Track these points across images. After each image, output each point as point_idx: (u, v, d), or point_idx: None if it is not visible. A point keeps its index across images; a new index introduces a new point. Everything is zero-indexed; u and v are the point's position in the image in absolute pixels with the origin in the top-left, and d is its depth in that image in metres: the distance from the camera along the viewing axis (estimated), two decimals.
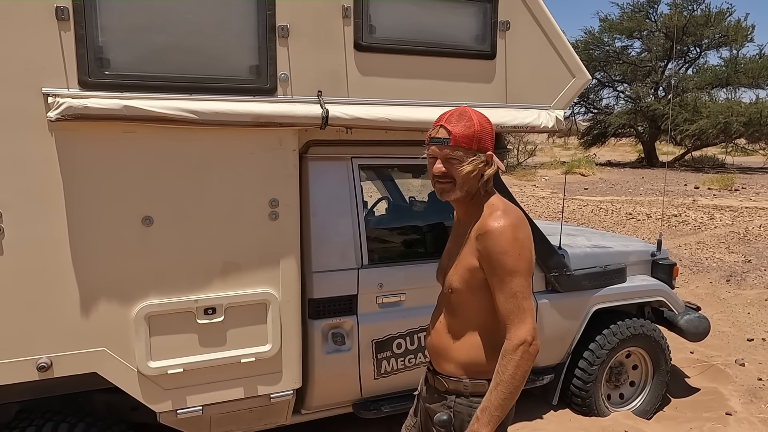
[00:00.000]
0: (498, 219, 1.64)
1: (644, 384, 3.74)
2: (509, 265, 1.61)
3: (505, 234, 1.61)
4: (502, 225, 1.62)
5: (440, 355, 1.80)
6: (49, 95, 2.07)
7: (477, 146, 1.65)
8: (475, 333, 1.73)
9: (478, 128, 1.66)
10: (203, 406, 2.45)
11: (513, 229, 1.62)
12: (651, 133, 24.88)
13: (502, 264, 1.61)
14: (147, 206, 2.27)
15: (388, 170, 3.26)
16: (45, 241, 2.13)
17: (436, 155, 1.69)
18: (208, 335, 2.41)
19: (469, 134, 1.64)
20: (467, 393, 1.72)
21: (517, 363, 1.57)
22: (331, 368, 2.78)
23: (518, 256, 1.61)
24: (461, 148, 1.64)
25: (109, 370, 2.28)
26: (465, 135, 1.64)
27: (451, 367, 1.76)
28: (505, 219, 1.63)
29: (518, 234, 1.62)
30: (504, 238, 1.61)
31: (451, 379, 1.75)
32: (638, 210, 11.68)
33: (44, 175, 2.11)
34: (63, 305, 2.19)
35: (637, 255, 3.83)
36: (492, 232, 1.62)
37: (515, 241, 1.61)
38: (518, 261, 1.61)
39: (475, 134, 1.65)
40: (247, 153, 2.40)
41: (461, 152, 1.64)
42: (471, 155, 1.64)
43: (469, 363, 1.72)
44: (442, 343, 1.79)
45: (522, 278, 1.61)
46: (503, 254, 1.61)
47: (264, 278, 2.49)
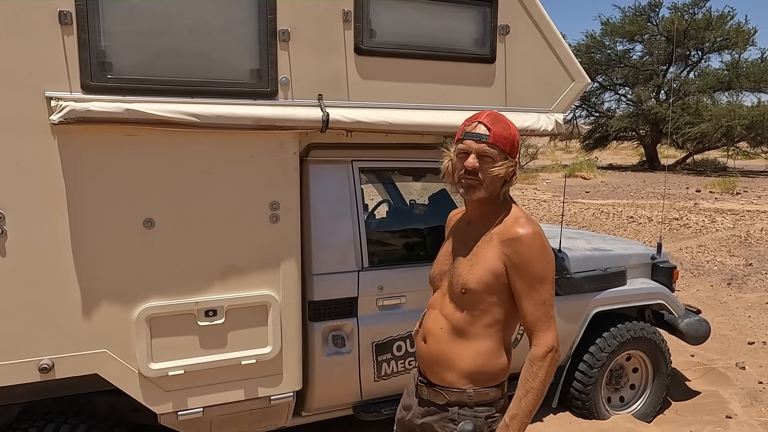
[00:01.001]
0: (525, 226, 1.65)
1: (644, 387, 3.74)
2: (540, 272, 1.63)
3: (536, 242, 1.64)
4: (532, 233, 1.64)
5: (440, 364, 1.74)
6: (52, 99, 2.08)
7: (510, 149, 1.67)
8: (484, 337, 1.70)
9: (514, 132, 1.69)
10: (204, 408, 2.46)
11: (541, 238, 1.65)
12: (653, 136, 24.87)
13: (533, 271, 1.63)
14: (148, 209, 2.28)
15: (388, 173, 3.27)
16: (47, 243, 2.15)
17: (471, 149, 1.67)
18: (208, 337, 2.42)
19: (506, 135, 1.66)
20: (471, 403, 1.69)
21: (547, 370, 1.60)
22: (331, 370, 2.79)
23: (547, 264, 1.64)
24: (498, 147, 1.65)
25: (110, 371, 2.29)
26: (503, 135, 1.66)
27: (452, 377, 1.71)
28: (533, 227, 1.66)
29: (545, 242, 1.66)
30: (535, 245, 1.63)
31: (453, 391, 1.71)
32: (639, 213, 11.68)
33: (47, 178, 2.13)
34: (65, 307, 2.20)
35: (638, 258, 3.84)
36: (523, 237, 1.64)
37: (544, 248, 1.64)
38: (547, 268, 1.64)
39: (511, 137, 1.68)
40: (248, 156, 2.42)
41: (496, 151, 1.65)
42: (503, 158, 1.66)
43: (475, 371, 1.69)
44: (444, 349, 1.73)
45: (550, 285, 1.64)
46: (534, 261, 1.63)
47: (264, 280, 2.50)
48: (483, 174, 1.65)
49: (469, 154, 1.66)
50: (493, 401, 1.71)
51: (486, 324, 1.70)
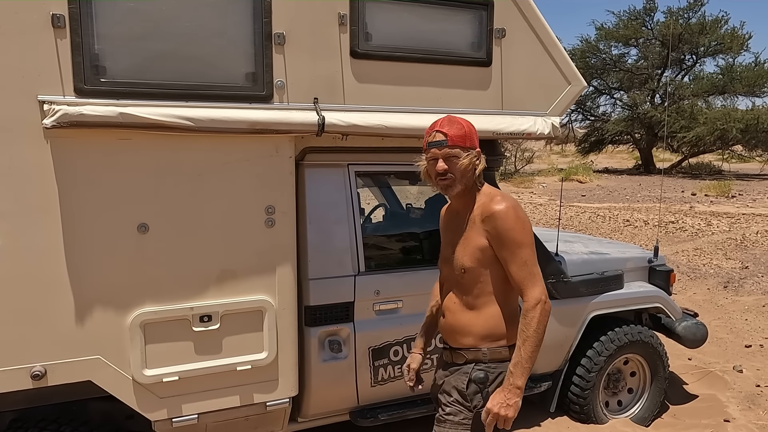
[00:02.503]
0: (500, 202, 1.90)
1: (642, 391, 3.73)
2: (517, 238, 1.87)
3: (509, 213, 1.88)
4: (506, 206, 1.88)
5: (457, 331, 2.01)
6: (44, 102, 2.07)
7: (469, 143, 1.93)
8: (490, 304, 1.96)
9: (468, 129, 1.94)
10: (199, 415, 2.44)
11: (514, 209, 1.89)
12: (648, 140, 24.96)
13: (512, 238, 1.87)
14: (143, 213, 2.26)
15: (384, 177, 3.26)
16: (40, 248, 2.13)
17: (437, 156, 1.93)
18: (203, 343, 2.40)
19: (461, 134, 1.92)
20: (486, 359, 1.94)
21: (539, 318, 1.82)
22: (327, 376, 2.77)
23: (523, 230, 1.87)
24: (458, 146, 1.90)
25: (103, 378, 2.27)
26: (459, 135, 1.91)
27: (469, 340, 1.97)
28: (506, 201, 1.90)
29: (519, 212, 1.90)
30: (509, 217, 1.88)
31: (471, 350, 1.97)
32: (635, 217, 11.69)
33: (40, 182, 2.11)
34: (58, 313, 2.18)
35: (634, 261, 3.83)
36: (498, 212, 1.88)
37: (518, 218, 1.88)
38: (524, 234, 1.87)
39: (467, 133, 1.93)
40: (243, 160, 2.40)
41: (458, 149, 1.90)
42: (466, 151, 1.91)
43: (487, 333, 1.95)
44: (459, 320, 2.00)
45: (529, 248, 1.87)
46: (511, 230, 1.87)
47: (260, 285, 2.48)
48: (453, 171, 1.91)
49: (437, 160, 1.92)
50: (505, 359, 1.93)
51: (488, 293, 1.95)
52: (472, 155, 1.92)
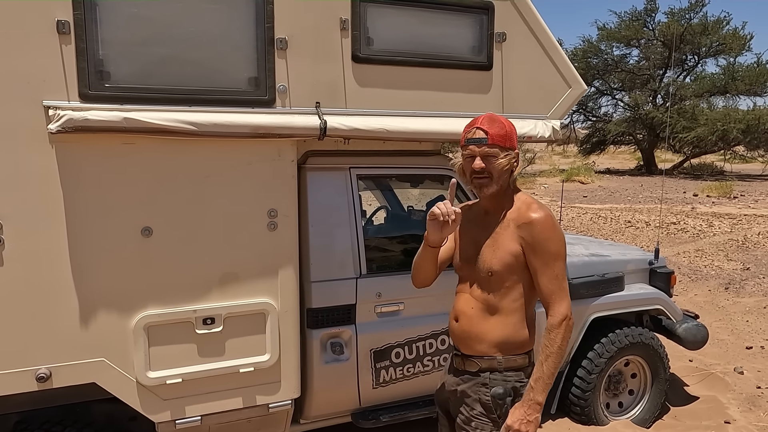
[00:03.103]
0: (537, 211, 1.87)
1: (643, 392, 3.74)
2: (553, 249, 1.84)
3: (548, 223, 1.85)
4: (544, 215, 1.86)
5: (472, 338, 1.95)
6: (49, 108, 2.09)
7: (509, 143, 1.88)
8: (511, 312, 1.91)
9: (509, 128, 1.89)
10: (202, 417, 2.46)
11: (552, 219, 1.87)
12: (650, 140, 24.94)
13: (547, 249, 1.84)
14: (146, 217, 2.28)
15: (386, 180, 3.27)
16: (45, 252, 2.15)
17: (475, 153, 1.87)
18: (206, 345, 2.42)
19: (502, 133, 1.87)
20: (501, 368, 1.91)
21: (563, 335, 1.81)
22: (329, 378, 2.79)
23: (559, 242, 1.85)
24: (497, 145, 1.85)
25: (107, 380, 2.29)
26: (500, 134, 1.86)
27: (484, 347, 1.93)
28: (544, 211, 1.88)
29: (556, 223, 1.88)
30: (548, 227, 1.85)
31: (484, 359, 1.92)
32: (637, 218, 11.70)
33: (45, 186, 2.13)
34: (62, 316, 2.20)
35: (635, 263, 3.84)
36: (537, 220, 1.85)
37: (555, 229, 1.86)
38: (560, 246, 1.85)
39: (508, 133, 1.88)
40: (245, 164, 2.42)
41: (497, 149, 1.86)
42: (505, 152, 1.87)
43: (503, 341, 1.91)
44: (476, 326, 1.95)
45: (562, 262, 1.86)
46: (548, 241, 1.84)
47: (263, 288, 2.50)
48: (490, 170, 1.86)
49: (474, 158, 1.87)
50: (521, 368, 1.92)
51: (511, 300, 1.91)
52: (511, 156, 1.87)
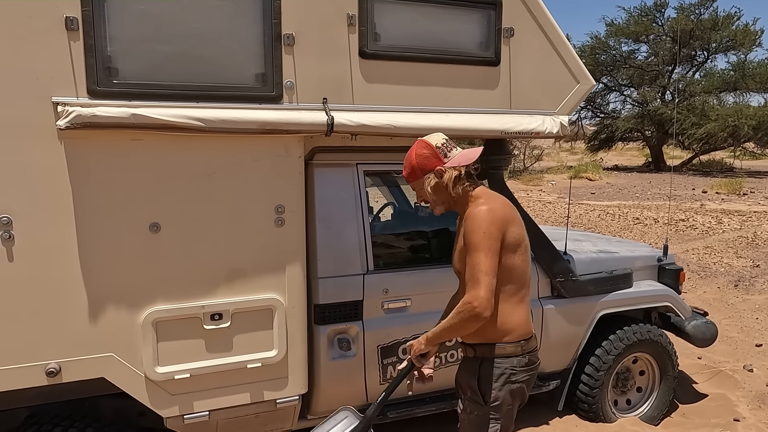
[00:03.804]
0: (474, 206, 2.04)
1: (651, 390, 3.72)
2: (473, 242, 1.98)
3: (471, 216, 2.00)
4: (474, 210, 2.01)
5: None
6: (58, 104, 2.10)
7: (422, 172, 2.09)
8: None
9: (415, 161, 2.10)
10: (210, 412, 2.47)
11: (479, 213, 1.99)
12: (658, 137, 24.78)
13: (469, 240, 2.00)
14: (154, 213, 2.29)
15: (393, 176, 3.27)
16: (54, 247, 2.16)
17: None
18: (214, 341, 2.43)
19: (411, 170, 2.12)
20: (491, 356, 2.07)
21: (460, 316, 1.98)
22: (336, 374, 2.79)
23: (480, 234, 1.96)
24: (415, 180, 2.12)
25: (116, 375, 2.30)
26: (410, 172, 2.13)
27: (475, 338, 2.10)
28: (478, 206, 2.02)
29: (482, 216, 1.98)
30: (470, 219, 2.00)
31: (478, 346, 2.11)
32: (645, 215, 11.63)
33: (54, 182, 2.14)
34: (72, 311, 2.21)
35: (644, 260, 3.82)
36: (467, 216, 2.03)
37: (477, 220, 1.98)
38: (479, 239, 1.96)
39: (415, 166, 2.10)
40: (253, 160, 2.42)
41: (417, 182, 2.12)
42: (425, 178, 2.09)
43: (491, 331, 2.06)
44: None
45: (482, 254, 1.95)
46: (469, 233, 2.00)
47: (270, 284, 2.50)
48: (425, 198, 2.13)
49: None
50: (510, 355, 2.06)
51: None
52: (430, 179, 2.08)
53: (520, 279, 2.08)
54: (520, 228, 2.08)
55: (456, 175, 2.05)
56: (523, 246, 2.08)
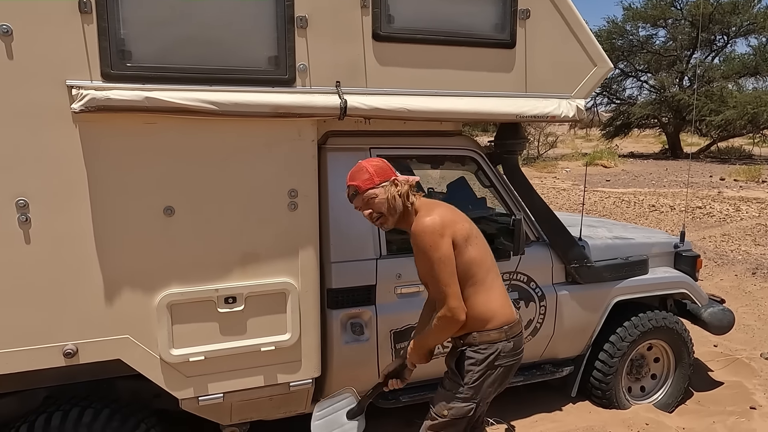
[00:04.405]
0: (416, 222, 2.10)
1: (666, 377, 3.70)
2: (426, 260, 2.06)
3: (417, 231, 2.07)
4: (417, 227, 2.07)
5: None
6: (72, 87, 2.10)
7: (380, 179, 2.13)
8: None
9: (373, 169, 2.14)
10: (224, 394, 2.49)
11: (424, 227, 2.05)
12: (675, 123, 24.39)
13: (423, 261, 2.08)
14: (168, 197, 2.30)
15: (406, 161, 3.25)
16: (70, 230, 2.18)
17: (360, 207, 2.21)
18: (228, 324, 2.45)
19: (368, 177, 2.14)
20: (476, 342, 2.18)
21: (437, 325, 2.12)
22: (349, 358, 2.80)
23: (430, 251, 2.03)
24: (370, 188, 2.13)
25: (132, 357, 2.33)
26: (366, 179, 2.14)
27: (462, 331, 2.20)
28: (419, 220, 2.08)
29: (427, 229, 2.04)
30: (416, 235, 2.07)
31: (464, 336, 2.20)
32: (661, 202, 11.49)
33: (69, 166, 2.15)
34: (88, 294, 2.23)
35: (660, 246, 3.77)
36: (412, 234, 2.10)
37: (422, 236, 2.04)
38: (431, 255, 2.04)
39: (372, 174, 2.13)
40: (266, 144, 2.42)
41: (372, 190, 2.14)
42: (380, 187, 2.13)
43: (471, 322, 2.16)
44: None
45: (436, 268, 2.04)
46: (420, 252, 2.08)
47: (283, 268, 2.51)
48: (379, 209, 2.14)
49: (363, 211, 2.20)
50: (495, 341, 2.16)
51: None
52: (387, 186, 2.12)
53: (481, 267, 2.15)
54: (464, 222, 2.16)
55: (407, 189, 2.14)
56: (472, 237, 2.14)
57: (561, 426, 3.28)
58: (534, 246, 3.21)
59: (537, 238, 3.25)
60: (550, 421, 3.36)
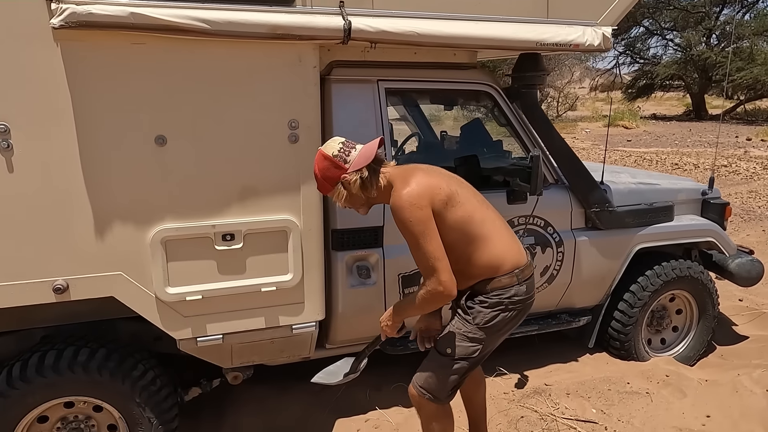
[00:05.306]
0: (393, 196, 1.98)
1: (688, 329, 3.54)
2: (410, 234, 1.93)
3: (397, 209, 1.94)
4: (395, 201, 1.95)
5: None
6: (52, 2, 1.93)
7: (331, 181, 2.04)
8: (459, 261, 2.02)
9: (320, 174, 2.05)
10: (223, 335, 2.39)
11: (402, 201, 1.92)
12: (701, 84, 23.54)
13: (405, 235, 1.95)
14: (160, 125, 2.15)
15: (417, 96, 3.06)
16: (55, 158, 2.05)
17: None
18: (226, 262, 2.32)
19: (320, 182, 2.08)
20: (488, 289, 2.07)
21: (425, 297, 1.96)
22: (355, 302, 2.68)
23: (412, 225, 1.91)
24: (328, 190, 2.07)
25: (126, 294, 2.22)
26: (320, 185, 2.09)
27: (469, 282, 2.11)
28: (396, 194, 1.96)
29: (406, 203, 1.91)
30: (397, 213, 1.94)
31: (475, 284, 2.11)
32: (685, 161, 11.12)
33: (51, 88, 2.00)
34: (77, 227, 2.11)
35: (687, 193, 3.56)
36: (392, 209, 1.98)
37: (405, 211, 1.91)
38: (414, 229, 1.91)
39: (321, 179, 2.06)
40: (264, 69, 2.24)
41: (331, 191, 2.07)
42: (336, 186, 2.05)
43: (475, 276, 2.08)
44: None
45: (422, 241, 1.91)
46: (402, 228, 1.94)
47: (284, 204, 2.36)
48: (345, 203, 2.09)
49: None
50: (506, 286, 2.05)
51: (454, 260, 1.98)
52: (338, 190, 2.04)
53: (473, 222, 2.02)
54: (442, 182, 2.00)
55: (359, 178, 2.00)
56: (455, 195, 2.00)
57: (577, 377, 3.16)
58: (552, 188, 3.02)
59: (556, 180, 3.06)
60: (566, 372, 3.23)
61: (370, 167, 2.02)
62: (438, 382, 2.08)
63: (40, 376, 2.25)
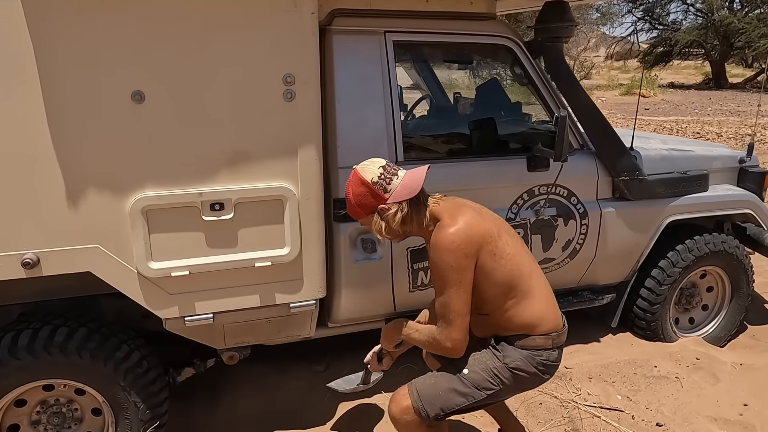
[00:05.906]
0: (437, 234, 1.78)
1: (720, 308, 3.29)
2: (441, 277, 1.75)
3: (435, 244, 1.76)
4: (439, 238, 1.76)
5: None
6: None
7: (367, 210, 1.86)
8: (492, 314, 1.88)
9: (353, 201, 1.86)
10: (214, 314, 2.17)
11: (447, 241, 1.73)
12: (722, 51, 22.75)
13: (436, 275, 1.79)
14: (136, 79, 1.89)
15: (429, 51, 2.77)
16: (19, 117, 1.80)
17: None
18: (216, 234, 2.08)
19: (353, 210, 1.90)
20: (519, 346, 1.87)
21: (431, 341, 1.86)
22: (360, 278, 2.45)
23: (449, 269, 1.73)
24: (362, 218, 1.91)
25: (104, 269, 2.00)
26: (353, 212, 1.91)
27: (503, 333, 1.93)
28: (442, 231, 1.76)
29: (451, 244, 1.72)
30: (434, 247, 1.77)
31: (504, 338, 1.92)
32: (707, 129, 10.71)
33: (11, 39, 1.74)
34: (45, 194, 1.88)
35: (723, 161, 3.27)
36: (432, 245, 1.79)
37: (447, 253, 1.73)
38: (449, 274, 1.73)
39: (354, 207, 1.88)
40: (254, 14, 1.96)
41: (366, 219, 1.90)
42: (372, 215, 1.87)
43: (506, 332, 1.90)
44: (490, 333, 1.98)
45: (452, 290, 1.74)
46: (436, 266, 1.77)
47: (279, 170, 2.11)
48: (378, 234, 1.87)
49: None
50: (539, 347, 1.84)
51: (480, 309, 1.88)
52: (372, 220, 1.87)
53: (522, 276, 1.82)
54: (494, 226, 1.81)
55: (402, 214, 1.81)
56: (506, 247, 1.81)
57: (599, 359, 2.93)
58: (577, 154, 2.75)
59: (581, 146, 2.79)
60: (587, 353, 3.00)
61: (412, 200, 1.82)
62: (438, 395, 1.85)
63: (13, 358, 2.05)
